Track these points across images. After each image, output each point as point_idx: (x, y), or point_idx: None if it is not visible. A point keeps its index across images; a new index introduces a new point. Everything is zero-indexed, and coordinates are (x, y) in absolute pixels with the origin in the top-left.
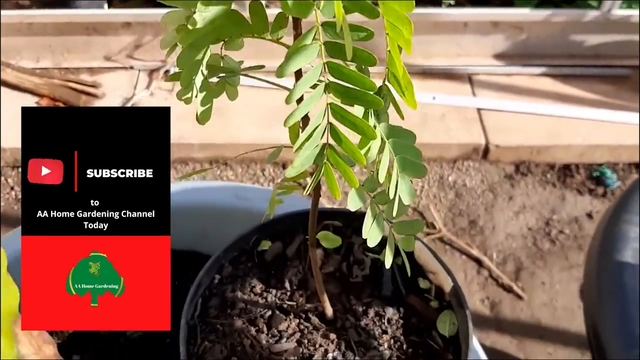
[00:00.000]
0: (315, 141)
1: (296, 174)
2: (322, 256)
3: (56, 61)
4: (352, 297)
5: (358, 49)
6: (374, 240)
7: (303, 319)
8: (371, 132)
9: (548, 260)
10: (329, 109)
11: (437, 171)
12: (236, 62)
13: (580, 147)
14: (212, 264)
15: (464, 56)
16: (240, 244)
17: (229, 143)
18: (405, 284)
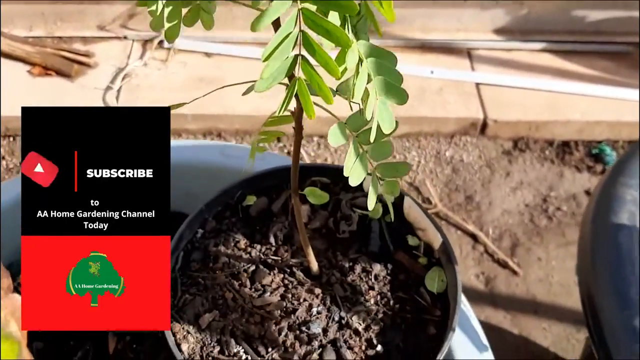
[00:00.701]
0: (286, 51)
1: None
2: (309, 212)
3: (49, 30)
4: (338, 253)
5: None
6: (356, 179)
7: (287, 274)
8: (345, 38)
9: (545, 236)
10: (300, 14)
11: (434, 146)
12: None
13: (580, 123)
14: (194, 217)
15: (463, 31)
16: (225, 199)
17: (224, 114)
18: (393, 240)
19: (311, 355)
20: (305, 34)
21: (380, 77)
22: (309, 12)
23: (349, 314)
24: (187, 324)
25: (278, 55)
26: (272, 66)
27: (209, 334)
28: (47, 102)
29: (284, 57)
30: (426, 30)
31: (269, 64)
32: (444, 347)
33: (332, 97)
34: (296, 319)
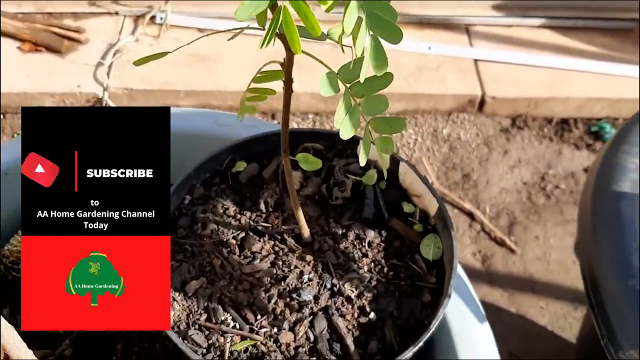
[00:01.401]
0: None
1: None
2: (302, 179)
3: (39, 6)
4: (331, 220)
5: None
6: (346, 132)
7: (278, 241)
8: None
9: (542, 215)
10: None
11: (431, 124)
12: None
13: (580, 99)
14: (181, 183)
15: (462, 6)
16: (213, 165)
17: (216, 90)
18: (388, 207)
19: (302, 322)
20: None
21: (373, 12)
22: None
23: (341, 282)
24: (173, 291)
25: None
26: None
27: (195, 301)
28: (38, 78)
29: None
30: (424, 6)
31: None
32: (438, 313)
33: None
34: (286, 286)
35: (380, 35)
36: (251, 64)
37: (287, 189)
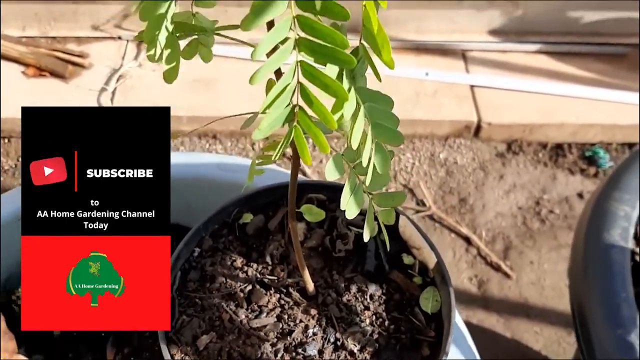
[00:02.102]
0: (284, 102)
1: (263, 136)
2: (306, 230)
3: (43, 30)
4: (334, 272)
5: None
6: (352, 212)
7: (284, 294)
8: (343, 93)
9: (537, 239)
10: (298, 67)
11: (429, 148)
12: (209, 20)
13: (574, 125)
14: (191, 236)
15: (458, 32)
16: (222, 217)
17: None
18: (389, 259)
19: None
20: (303, 86)
21: (377, 121)
22: (308, 65)
23: (344, 335)
24: (185, 346)
25: (276, 105)
26: (271, 116)
27: (206, 355)
28: (42, 103)
29: (282, 107)
30: (421, 32)
31: (268, 114)
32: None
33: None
34: (292, 340)
35: (384, 141)
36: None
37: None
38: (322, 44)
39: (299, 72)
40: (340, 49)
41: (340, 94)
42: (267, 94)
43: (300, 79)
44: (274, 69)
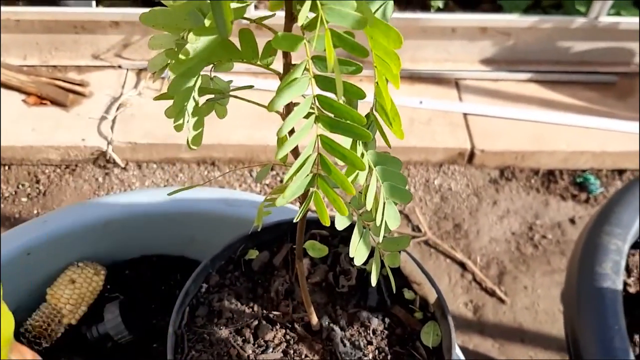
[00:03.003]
0: (305, 171)
1: (286, 202)
2: (309, 266)
3: (44, 59)
4: (338, 307)
5: (347, 83)
6: (361, 258)
7: (289, 329)
8: (360, 163)
9: (531, 264)
10: (319, 140)
11: (423, 175)
12: (225, 82)
13: (565, 153)
14: (199, 272)
15: (451, 61)
16: (228, 253)
17: (217, 144)
18: (390, 294)
19: None
20: (323, 157)
21: (388, 182)
22: (327, 138)
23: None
24: None
25: (299, 175)
26: (294, 185)
27: None
28: (43, 132)
29: (303, 176)
30: (415, 61)
31: (291, 184)
32: None
33: (347, 210)
34: None
35: (395, 200)
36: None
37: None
38: (341, 120)
39: (319, 145)
40: (358, 125)
41: (358, 164)
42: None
43: (320, 150)
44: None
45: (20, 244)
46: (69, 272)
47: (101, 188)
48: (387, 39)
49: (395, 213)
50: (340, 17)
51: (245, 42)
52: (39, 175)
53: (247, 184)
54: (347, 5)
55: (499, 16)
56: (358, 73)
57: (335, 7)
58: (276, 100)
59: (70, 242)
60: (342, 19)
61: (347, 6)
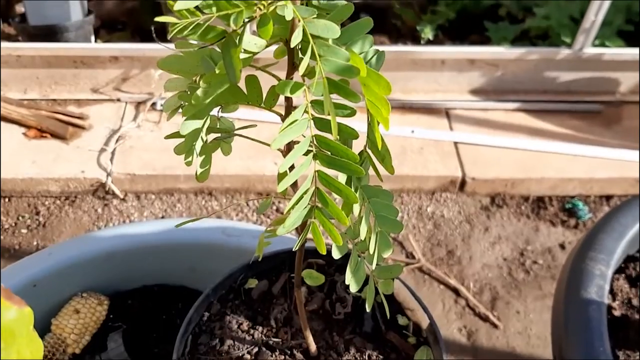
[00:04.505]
0: (304, 203)
1: (286, 232)
2: (306, 294)
3: (44, 93)
4: (334, 333)
5: (342, 124)
6: (356, 286)
7: (288, 355)
8: (353, 197)
9: (523, 289)
10: (316, 175)
11: (416, 202)
12: (230, 122)
13: (553, 180)
14: (201, 301)
15: (441, 92)
16: (229, 282)
17: (214, 174)
18: (385, 320)
19: None
20: (320, 191)
21: (380, 213)
22: (324, 174)
23: None
24: None
25: (298, 207)
26: (293, 216)
27: None
28: (43, 164)
29: (302, 208)
30: (406, 91)
31: (291, 214)
32: None
33: (342, 240)
34: None
35: (386, 230)
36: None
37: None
38: (337, 158)
39: (316, 179)
40: (352, 162)
41: (352, 197)
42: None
43: (317, 184)
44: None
45: (27, 275)
46: (73, 303)
47: (100, 219)
48: (378, 86)
49: (388, 242)
50: (335, 68)
51: (251, 87)
52: (38, 206)
53: (244, 213)
54: (342, 57)
55: (487, 48)
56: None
57: (332, 59)
58: (278, 140)
59: (75, 273)
60: (337, 69)
61: (342, 58)
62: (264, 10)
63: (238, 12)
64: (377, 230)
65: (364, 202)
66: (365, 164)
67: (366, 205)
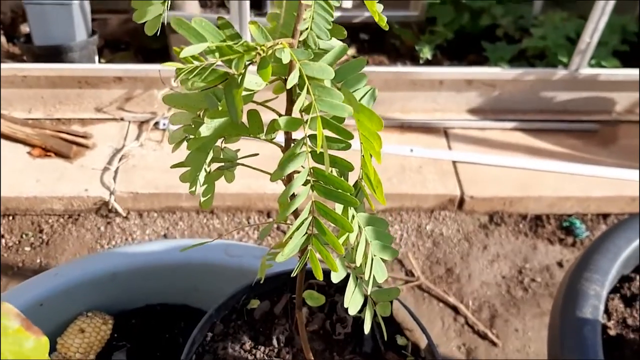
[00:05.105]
0: (302, 232)
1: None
2: (307, 314)
3: (48, 112)
4: (335, 354)
5: (338, 158)
6: (355, 308)
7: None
8: (349, 226)
9: (521, 307)
10: (314, 205)
11: (415, 220)
12: (233, 152)
13: (551, 198)
14: (205, 321)
15: (440, 111)
16: (231, 303)
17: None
18: (384, 340)
19: None
20: (317, 220)
21: (376, 241)
22: (321, 204)
23: None
24: None
25: (296, 235)
26: (292, 244)
27: None
28: (47, 183)
29: (300, 236)
30: (405, 111)
31: (289, 242)
32: None
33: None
34: None
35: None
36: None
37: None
38: (333, 189)
39: (314, 209)
40: (347, 193)
41: (347, 227)
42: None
43: (315, 214)
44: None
45: (34, 295)
46: (78, 322)
47: (103, 237)
48: (370, 122)
49: (383, 268)
50: (330, 107)
51: (253, 121)
52: (42, 225)
53: (245, 231)
54: (336, 97)
55: (484, 69)
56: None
57: (326, 99)
58: (278, 172)
59: (80, 293)
60: (331, 108)
61: (336, 98)
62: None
63: (239, 57)
64: (372, 257)
65: (360, 230)
66: (360, 194)
67: (362, 233)
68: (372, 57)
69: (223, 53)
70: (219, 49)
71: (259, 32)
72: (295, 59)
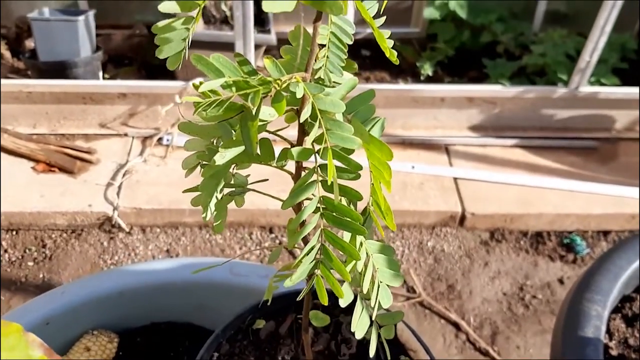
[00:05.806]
0: (310, 258)
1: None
2: (312, 334)
3: (52, 127)
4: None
5: (348, 187)
6: (362, 332)
7: None
8: (356, 254)
9: (522, 324)
10: (322, 233)
11: (417, 237)
12: (244, 177)
13: (551, 215)
14: (212, 341)
15: (441, 128)
16: (237, 323)
17: None
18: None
19: None
20: (325, 247)
21: (383, 268)
22: (329, 232)
23: None
24: None
25: (305, 261)
26: (300, 269)
27: None
28: (51, 198)
29: (309, 262)
30: (407, 128)
31: (299, 268)
32: None
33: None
34: None
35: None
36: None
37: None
38: (341, 218)
39: (322, 237)
40: (356, 222)
41: (354, 255)
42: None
43: (323, 241)
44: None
45: (40, 314)
46: (84, 340)
47: (106, 252)
48: (380, 152)
49: (389, 294)
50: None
51: (265, 149)
52: (45, 239)
53: (247, 247)
54: (346, 130)
55: (485, 87)
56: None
57: (337, 132)
58: (289, 201)
59: (87, 311)
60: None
61: (347, 131)
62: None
63: (255, 91)
64: (378, 283)
65: (368, 257)
66: (369, 220)
67: (370, 260)
68: (373, 73)
69: (239, 87)
70: (236, 84)
71: (273, 66)
72: (308, 93)
